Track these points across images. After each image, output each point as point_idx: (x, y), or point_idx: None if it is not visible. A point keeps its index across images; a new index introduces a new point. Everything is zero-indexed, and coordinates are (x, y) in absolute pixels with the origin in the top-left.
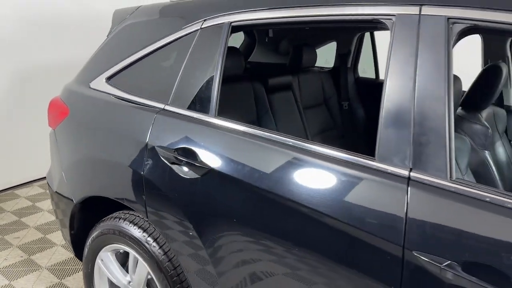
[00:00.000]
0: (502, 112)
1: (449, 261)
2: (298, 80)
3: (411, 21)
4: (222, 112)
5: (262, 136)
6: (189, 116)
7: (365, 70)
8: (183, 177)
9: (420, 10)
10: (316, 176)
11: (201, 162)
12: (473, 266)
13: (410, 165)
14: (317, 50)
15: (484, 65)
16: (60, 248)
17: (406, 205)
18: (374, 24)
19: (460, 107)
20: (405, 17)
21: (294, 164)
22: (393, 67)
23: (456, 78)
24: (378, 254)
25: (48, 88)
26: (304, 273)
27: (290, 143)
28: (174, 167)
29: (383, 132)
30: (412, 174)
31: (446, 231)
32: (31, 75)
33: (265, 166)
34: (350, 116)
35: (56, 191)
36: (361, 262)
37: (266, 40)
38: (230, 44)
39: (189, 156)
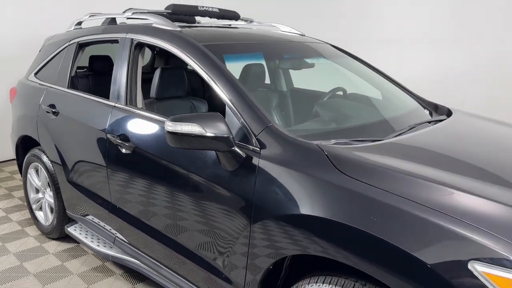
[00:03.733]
0: None
1: (117, 135)
2: None
3: (123, 40)
4: (95, 91)
5: (85, 96)
6: (58, 89)
7: None
8: (51, 118)
9: (126, 35)
10: (101, 113)
11: (57, 109)
12: (123, 136)
13: (125, 102)
14: None
15: None
16: None
17: (110, 116)
18: (117, 42)
19: None
20: (122, 39)
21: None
22: (116, 62)
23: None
24: (100, 138)
25: None
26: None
27: (96, 98)
28: (47, 114)
29: (112, 88)
30: (116, 104)
31: (118, 125)
32: None
33: (86, 110)
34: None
35: (11, 136)
36: (97, 142)
37: (155, 54)
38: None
39: (53, 107)
